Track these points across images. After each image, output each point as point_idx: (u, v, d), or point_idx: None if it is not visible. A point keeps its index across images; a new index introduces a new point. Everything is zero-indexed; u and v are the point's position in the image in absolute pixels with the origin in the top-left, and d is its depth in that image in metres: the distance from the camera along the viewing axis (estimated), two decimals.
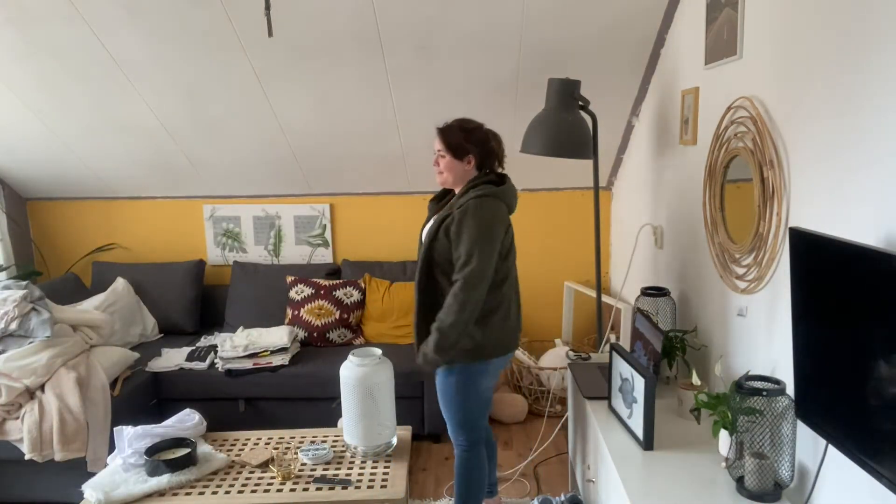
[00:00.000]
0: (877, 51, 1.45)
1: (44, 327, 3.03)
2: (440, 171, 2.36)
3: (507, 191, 2.34)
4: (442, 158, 2.33)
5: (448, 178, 2.36)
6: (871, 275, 1.29)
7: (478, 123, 2.36)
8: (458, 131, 2.31)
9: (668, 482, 1.83)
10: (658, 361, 2.34)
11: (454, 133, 2.31)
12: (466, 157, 2.32)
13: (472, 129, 2.33)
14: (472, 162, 2.33)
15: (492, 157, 2.37)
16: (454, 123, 2.33)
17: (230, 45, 2.91)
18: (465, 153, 2.31)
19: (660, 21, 2.81)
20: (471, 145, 2.31)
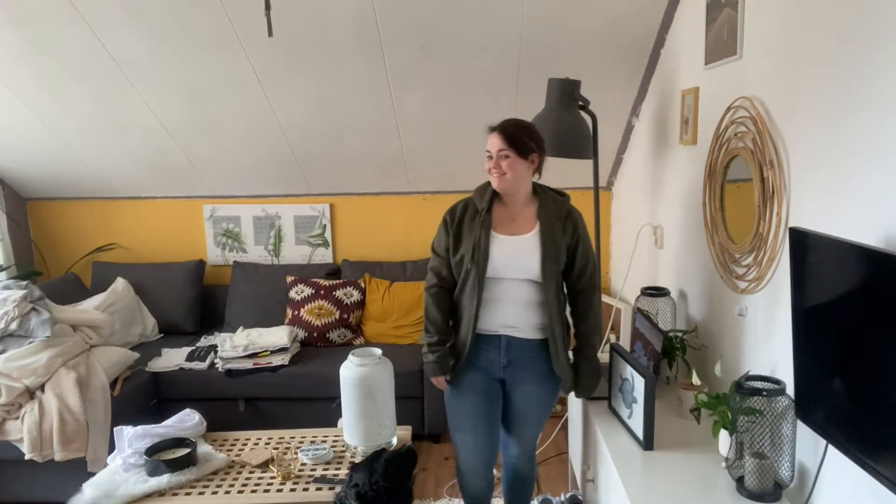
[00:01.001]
0: (877, 50, 1.45)
1: (44, 327, 3.03)
2: (502, 172, 2.11)
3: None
4: (505, 159, 2.11)
5: (511, 180, 2.13)
6: (871, 275, 1.29)
7: (531, 122, 2.24)
8: (517, 128, 2.13)
9: (668, 482, 1.83)
10: (658, 361, 2.34)
11: (514, 129, 2.13)
12: (531, 157, 2.13)
13: (529, 125, 2.18)
14: (535, 163, 2.16)
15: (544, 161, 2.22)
16: (507, 122, 2.15)
17: (230, 45, 2.91)
18: (530, 151, 2.13)
19: (660, 21, 2.81)
20: (533, 143, 2.14)
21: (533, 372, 2.24)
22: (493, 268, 2.15)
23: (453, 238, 2.20)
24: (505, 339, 2.21)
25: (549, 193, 2.23)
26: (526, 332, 2.20)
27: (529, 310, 2.19)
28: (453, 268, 2.22)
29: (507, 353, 2.21)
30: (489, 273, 2.15)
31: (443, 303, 2.26)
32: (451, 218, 2.23)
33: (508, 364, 2.22)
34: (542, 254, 2.13)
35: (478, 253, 2.13)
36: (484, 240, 2.14)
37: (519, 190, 2.17)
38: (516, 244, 2.17)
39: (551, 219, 2.16)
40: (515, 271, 2.15)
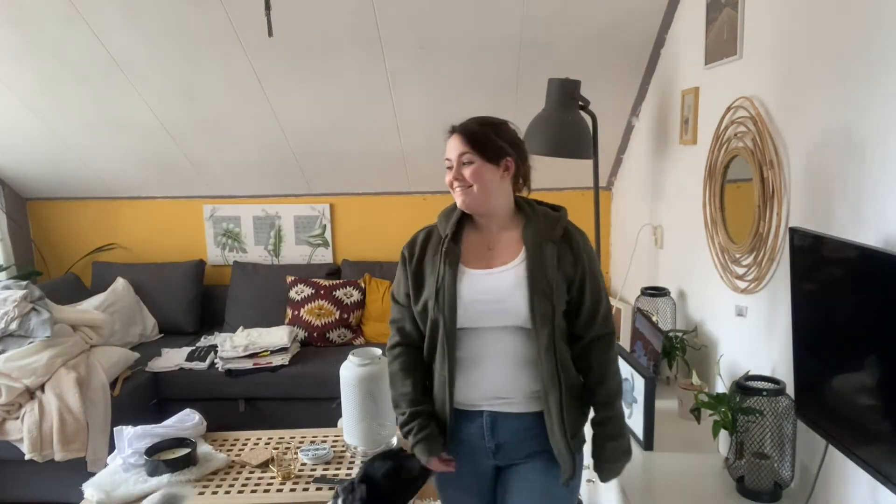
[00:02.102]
0: (877, 50, 1.45)
1: (44, 327, 3.03)
2: (466, 184, 1.58)
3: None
4: (468, 166, 1.57)
5: (479, 194, 1.58)
6: (871, 274, 1.29)
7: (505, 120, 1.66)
8: (482, 125, 1.61)
9: (668, 482, 1.83)
10: (658, 361, 2.34)
11: (478, 127, 1.60)
12: (504, 161, 1.60)
13: (499, 122, 1.63)
14: (511, 169, 1.62)
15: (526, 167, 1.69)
16: (471, 119, 1.63)
17: (230, 45, 2.91)
18: (501, 154, 1.59)
19: (660, 21, 2.81)
20: (506, 144, 1.60)
21: (536, 461, 1.63)
22: (464, 315, 1.57)
23: (413, 279, 1.65)
24: (489, 417, 1.61)
25: (539, 209, 1.67)
26: (518, 403, 1.60)
27: (522, 371, 1.59)
28: (417, 319, 1.65)
29: (493, 435, 1.62)
30: (461, 322, 1.58)
31: (410, 368, 1.68)
32: (410, 253, 1.68)
33: (498, 450, 1.64)
34: (530, 289, 1.54)
35: (442, 296, 1.57)
36: (449, 277, 1.58)
37: (493, 207, 1.63)
38: (494, 280, 1.59)
39: (540, 242, 1.59)
40: (496, 317, 1.58)
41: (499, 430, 1.61)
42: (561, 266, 1.58)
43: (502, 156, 1.60)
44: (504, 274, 1.59)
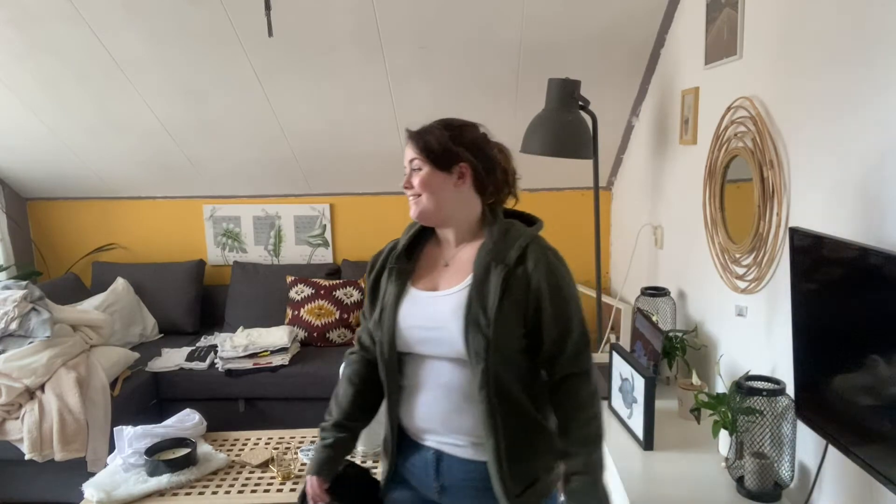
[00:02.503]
0: (877, 50, 1.45)
1: (44, 327, 3.03)
2: (415, 192, 1.45)
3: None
4: (416, 173, 1.45)
5: (429, 204, 1.44)
6: (872, 274, 1.29)
7: (472, 122, 1.51)
8: (440, 129, 1.46)
9: (668, 482, 1.83)
10: (658, 361, 2.34)
11: (433, 132, 1.45)
12: (456, 168, 1.43)
13: (460, 125, 1.47)
14: (467, 177, 1.44)
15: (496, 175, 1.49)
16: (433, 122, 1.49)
17: (230, 44, 2.91)
18: (454, 160, 1.43)
19: (660, 21, 2.81)
20: (461, 148, 1.43)
21: None
22: (401, 340, 1.45)
23: (369, 294, 1.55)
24: (433, 455, 1.48)
25: (504, 223, 1.47)
26: (464, 447, 1.44)
27: (466, 410, 1.42)
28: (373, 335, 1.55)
29: (437, 475, 1.48)
30: (401, 346, 1.46)
31: (357, 380, 1.59)
32: (371, 265, 1.57)
33: (444, 491, 1.50)
34: (465, 319, 1.37)
35: (385, 316, 1.47)
36: (392, 297, 1.47)
37: (447, 218, 1.47)
38: (435, 305, 1.43)
39: (490, 264, 1.39)
40: (433, 346, 1.43)
41: (444, 471, 1.47)
42: (510, 294, 1.37)
43: (454, 162, 1.43)
44: (446, 299, 1.43)
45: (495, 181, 1.49)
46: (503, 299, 1.37)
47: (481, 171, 1.45)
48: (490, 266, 1.39)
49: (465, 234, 1.49)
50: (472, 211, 1.49)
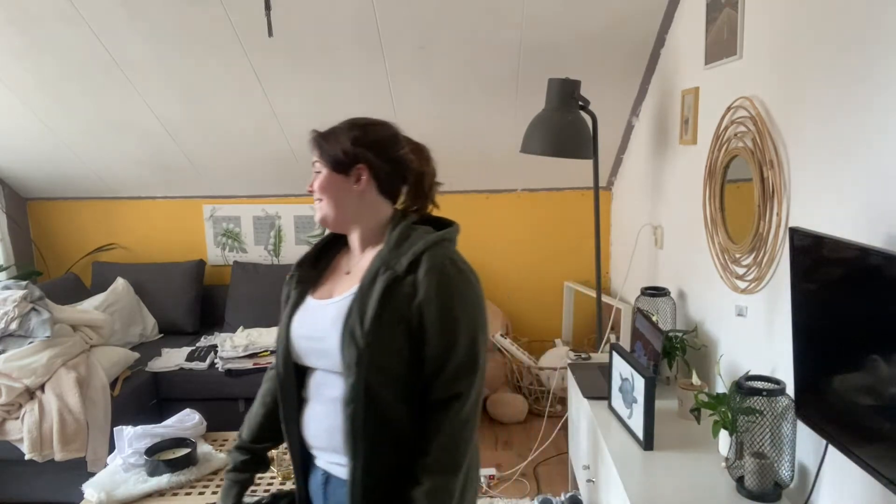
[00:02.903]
0: (877, 50, 1.45)
1: (44, 327, 3.03)
2: (317, 196, 1.38)
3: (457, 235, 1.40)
4: (317, 176, 1.37)
5: (329, 209, 1.36)
6: (872, 274, 1.29)
7: (381, 121, 1.40)
8: (343, 130, 1.36)
9: (668, 482, 1.83)
10: (658, 361, 2.34)
11: (335, 133, 1.36)
12: (354, 171, 1.34)
13: (365, 125, 1.37)
14: (365, 178, 1.34)
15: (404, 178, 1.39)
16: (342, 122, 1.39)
17: (230, 45, 2.91)
18: (352, 163, 1.34)
19: (660, 21, 2.81)
20: (362, 149, 1.33)
21: None
22: (294, 350, 1.38)
23: (284, 302, 1.46)
24: (322, 477, 1.38)
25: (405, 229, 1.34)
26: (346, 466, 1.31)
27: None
28: None
29: (325, 499, 1.39)
30: (295, 358, 1.39)
31: (270, 394, 1.52)
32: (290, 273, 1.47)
33: None
34: (342, 328, 1.28)
35: (280, 326, 1.42)
36: (290, 306, 1.41)
37: (349, 224, 1.38)
38: (322, 313, 1.35)
39: (378, 270, 1.29)
40: (318, 357, 1.35)
41: (330, 495, 1.36)
42: (392, 304, 1.25)
43: (351, 163, 1.34)
44: (330, 308, 1.34)
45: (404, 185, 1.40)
46: (383, 309, 1.25)
47: (382, 174, 1.36)
48: (378, 272, 1.28)
49: (369, 241, 1.39)
50: (378, 216, 1.38)
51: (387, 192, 1.38)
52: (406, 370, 1.28)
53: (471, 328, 1.28)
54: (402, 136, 1.40)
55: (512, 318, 4.16)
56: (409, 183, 1.40)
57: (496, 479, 3.07)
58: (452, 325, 1.26)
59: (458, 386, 1.27)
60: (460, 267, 1.30)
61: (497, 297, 4.16)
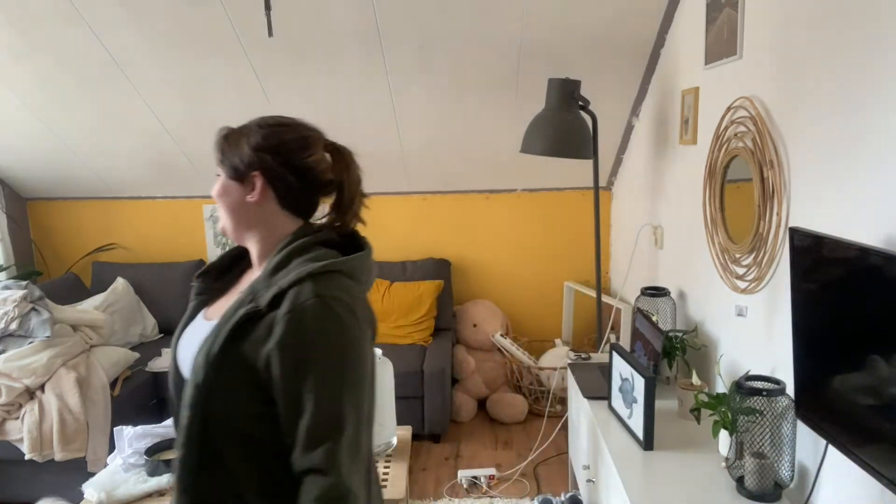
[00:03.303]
0: (877, 50, 1.45)
1: (44, 327, 3.03)
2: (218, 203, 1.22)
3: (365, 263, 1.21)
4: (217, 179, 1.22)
5: (224, 218, 1.22)
6: (872, 274, 1.29)
7: (293, 122, 1.22)
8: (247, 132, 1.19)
9: (668, 482, 1.83)
10: (658, 361, 2.34)
11: (239, 134, 1.20)
12: (250, 177, 1.17)
13: (273, 125, 1.19)
14: (260, 188, 1.17)
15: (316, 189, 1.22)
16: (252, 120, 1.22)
17: (230, 45, 2.91)
18: (248, 169, 1.17)
19: (660, 21, 2.81)
20: (261, 155, 1.16)
21: None
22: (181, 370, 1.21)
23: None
24: None
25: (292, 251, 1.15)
26: None
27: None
28: None
29: None
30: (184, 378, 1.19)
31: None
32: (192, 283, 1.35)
33: None
34: (193, 361, 1.12)
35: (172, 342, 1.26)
36: (183, 321, 1.27)
37: (245, 237, 1.22)
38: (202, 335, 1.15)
39: (242, 301, 1.11)
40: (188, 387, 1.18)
41: None
42: (242, 344, 1.07)
43: (246, 169, 1.17)
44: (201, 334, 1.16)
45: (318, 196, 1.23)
46: (229, 350, 1.07)
47: (282, 184, 1.17)
48: (241, 303, 1.10)
49: (265, 255, 1.21)
50: (277, 232, 1.20)
51: (291, 205, 1.20)
52: (260, 431, 1.07)
53: (332, 384, 1.04)
54: (319, 138, 1.22)
55: (512, 318, 4.16)
56: (325, 194, 1.24)
57: (496, 479, 3.07)
58: (300, 378, 1.04)
59: (311, 458, 1.03)
60: (331, 308, 1.06)
61: (497, 297, 4.16)
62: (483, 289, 4.16)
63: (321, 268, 1.09)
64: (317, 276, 1.08)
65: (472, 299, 4.08)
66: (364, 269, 1.19)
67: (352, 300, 1.10)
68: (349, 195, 1.25)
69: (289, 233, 1.20)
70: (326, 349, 1.05)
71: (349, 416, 1.05)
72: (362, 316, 1.12)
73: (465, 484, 3.00)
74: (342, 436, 1.04)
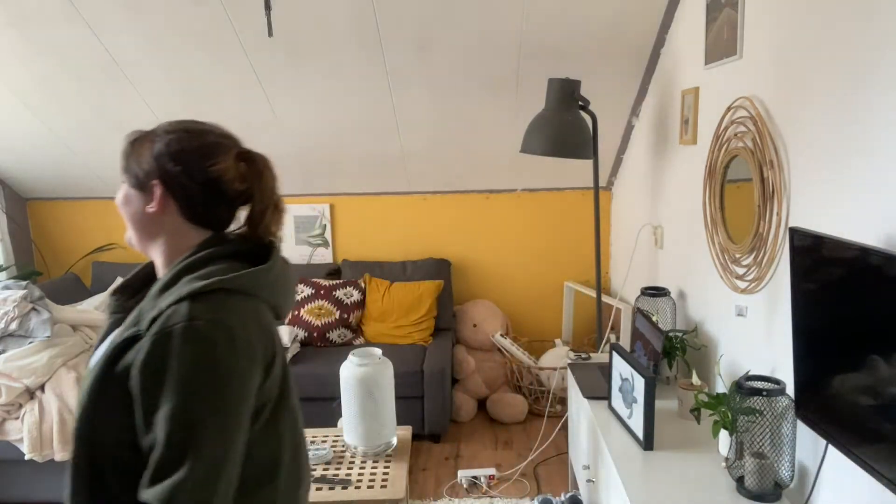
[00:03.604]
0: (877, 50, 1.45)
1: (44, 327, 3.03)
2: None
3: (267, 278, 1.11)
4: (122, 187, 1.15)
5: (128, 230, 1.15)
6: (871, 274, 1.29)
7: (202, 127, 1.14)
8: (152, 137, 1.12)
9: (668, 482, 1.83)
10: (658, 361, 2.34)
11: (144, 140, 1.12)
12: (150, 189, 1.10)
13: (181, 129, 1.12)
14: (159, 198, 1.09)
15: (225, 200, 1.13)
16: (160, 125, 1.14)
17: (230, 45, 2.91)
18: (145, 175, 1.10)
19: (660, 21, 2.81)
20: (163, 162, 1.09)
21: None
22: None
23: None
24: None
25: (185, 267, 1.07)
26: None
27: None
28: None
29: None
30: None
31: None
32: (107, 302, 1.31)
33: None
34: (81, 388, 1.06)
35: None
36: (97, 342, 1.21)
37: (148, 250, 1.15)
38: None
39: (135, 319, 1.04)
40: None
41: None
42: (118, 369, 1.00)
43: (147, 178, 1.09)
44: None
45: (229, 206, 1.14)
46: (109, 375, 1.00)
47: (183, 194, 1.10)
48: (127, 327, 1.03)
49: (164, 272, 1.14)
50: (181, 243, 1.12)
51: (196, 217, 1.11)
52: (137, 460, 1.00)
53: (188, 416, 0.95)
54: (229, 146, 1.14)
55: (512, 318, 4.16)
56: (237, 205, 1.15)
57: (496, 479, 3.07)
58: (156, 406, 0.97)
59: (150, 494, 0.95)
60: (201, 332, 0.97)
61: (497, 297, 4.16)
62: (483, 289, 4.17)
63: (203, 287, 1.01)
64: (197, 297, 1.00)
65: (472, 299, 4.08)
66: (266, 285, 1.10)
67: (239, 323, 1.01)
68: (261, 206, 1.14)
69: (188, 241, 1.12)
70: (188, 378, 0.96)
71: (204, 453, 0.96)
72: (255, 340, 1.03)
73: (465, 484, 3.00)
74: (189, 475, 0.94)
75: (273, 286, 1.12)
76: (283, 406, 1.12)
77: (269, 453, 1.10)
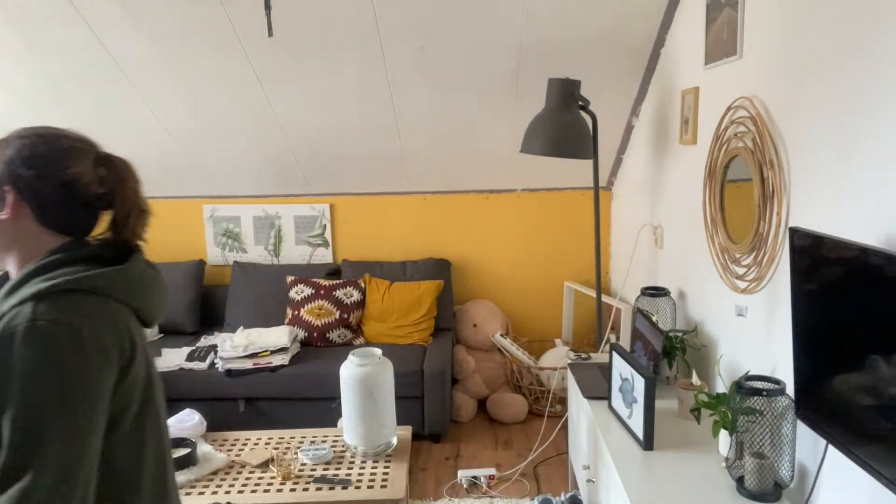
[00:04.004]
0: (877, 50, 1.45)
1: None
2: None
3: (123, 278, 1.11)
4: None
5: None
6: (872, 274, 1.29)
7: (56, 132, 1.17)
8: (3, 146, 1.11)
9: (668, 482, 1.83)
10: (658, 361, 2.34)
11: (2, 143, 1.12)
12: (2, 196, 1.09)
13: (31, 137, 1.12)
14: (11, 204, 1.08)
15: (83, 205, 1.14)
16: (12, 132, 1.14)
17: (230, 45, 2.91)
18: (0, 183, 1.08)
19: (660, 21, 2.81)
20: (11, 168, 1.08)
21: None
22: None
23: None
24: None
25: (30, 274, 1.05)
26: None
27: None
28: None
29: None
30: None
31: None
32: None
33: None
34: None
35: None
36: None
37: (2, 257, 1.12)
38: None
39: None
40: None
41: None
42: None
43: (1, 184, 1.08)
44: None
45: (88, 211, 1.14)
46: None
47: (36, 200, 1.08)
48: None
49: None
50: (37, 250, 1.09)
51: (53, 222, 1.10)
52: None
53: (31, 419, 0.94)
54: (85, 149, 1.16)
55: (512, 318, 4.17)
56: (97, 209, 1.16)
57: (496, 479, 3.07)
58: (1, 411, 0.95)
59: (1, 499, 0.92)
60: (45, 332, 0.96)
61: (497, 297, 4.16)
62: (483, 289, 4.17)
63: (49, 287, 1.00)
64: (43, 297, 0.99)
65: (472, 299, 4.08)
66: (121, 287, 1.09)
67: (86, 323, 1.00)
68: (123, 210, 1.16)
69: (41, 250, 1.09)
70: (30, 379, 0.94)
71: (51, 457, 0.93)
72: (107, 340, 1.02)
73: (465, 484, 3.00)
74: (37, 480, 0.92)
75: (131, 287, 1.11)
76: (147, 413, 1.11)
77: (131, 465, 1.08)
